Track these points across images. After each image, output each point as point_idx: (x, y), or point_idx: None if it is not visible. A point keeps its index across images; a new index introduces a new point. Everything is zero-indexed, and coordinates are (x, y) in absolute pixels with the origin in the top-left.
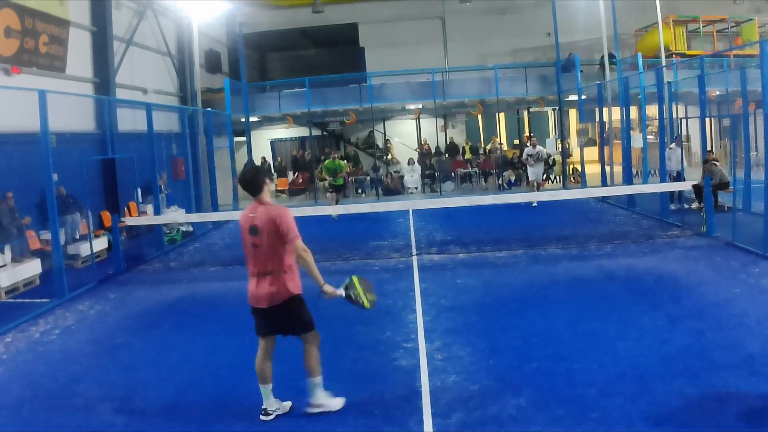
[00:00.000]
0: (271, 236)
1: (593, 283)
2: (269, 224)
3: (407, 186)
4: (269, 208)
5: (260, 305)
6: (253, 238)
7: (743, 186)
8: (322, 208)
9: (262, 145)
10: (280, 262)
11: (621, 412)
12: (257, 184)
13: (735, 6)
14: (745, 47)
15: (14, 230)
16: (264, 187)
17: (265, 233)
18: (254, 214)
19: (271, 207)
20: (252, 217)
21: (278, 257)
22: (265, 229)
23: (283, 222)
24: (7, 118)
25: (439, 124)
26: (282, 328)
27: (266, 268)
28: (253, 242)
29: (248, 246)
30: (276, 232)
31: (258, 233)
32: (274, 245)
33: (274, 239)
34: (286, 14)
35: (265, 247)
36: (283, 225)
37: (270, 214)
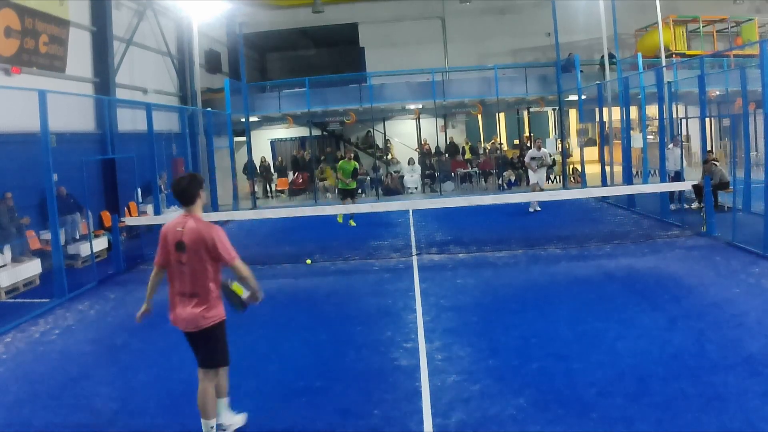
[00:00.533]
0: (199, 255)
1: (593, 283)
2: (199, 243)
3: (407, 186)
4: (200, 225)
5: (188, 329)
6: (179, 255)
7: (743, 186)
8: (322, 208)
9: (262, 145)
10: (206, 284)
11: (621, 412)
12: (191, 194)
13: (735, 6)
14: (745, 47)
15: (14, 230)
16: (197, 200)
17: (193, 252)
18: (182, 228)
19: (202, 224)
20: (180, 232)
21: (205, 278)
22: (194, 247)
23: (218, 242)
24: (7, 118)
25: (439, 124)
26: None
27: (192, 289)
28: (178, 259)
29: (172, 262)
30: (206, 252)
31: (185, 250)
32: (203, 265)
33: (203, 259)
34: (286, 14)
35: (192, 266)
36: (219, 246)
37: (201, 232)
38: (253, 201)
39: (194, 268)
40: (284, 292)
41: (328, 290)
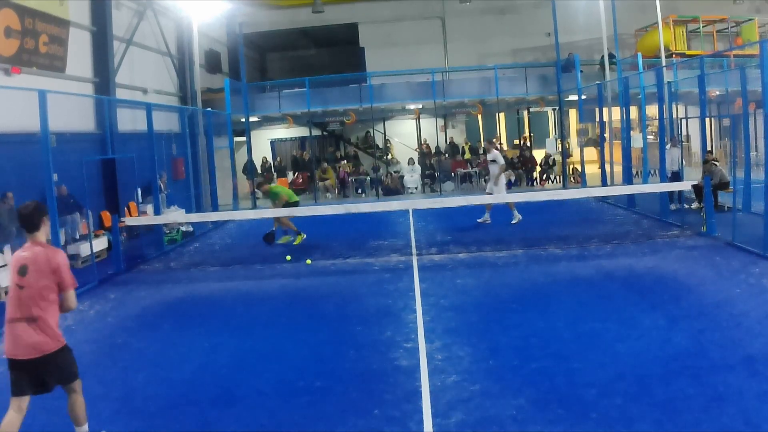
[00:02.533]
0: (41, 279)
1: (593, 283)
2: (43, 266)
3: (407, 186)
4: (47, 249)
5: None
6: (20, 279)
7: (743, 186)
8: (322, 208)
9: (262, 145)
10: (47, 309)
11: (621, 412)
12: (34, 221)
13: (735, 6)
14: (745, 47)
15: (14, 230)
16: (41, 226)
17: (35, 275)
18: (26, 253)
19: (49, 249)
20: (24, 257)
21: (46, 303)
22: (36, 270)
23: (61, 268)
24: (7, 118)
25: (439, 124)
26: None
27: (31, 313)
28: (18, 283)
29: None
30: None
31: (26, 274)
32: (44, 290)
33: (44, 283)
34: (286, 14)
35: (33, 290)
36: (62, 271)
37: (47, 256)
38: (253, 201)
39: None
40: (284, 292)
41: (328, 290)
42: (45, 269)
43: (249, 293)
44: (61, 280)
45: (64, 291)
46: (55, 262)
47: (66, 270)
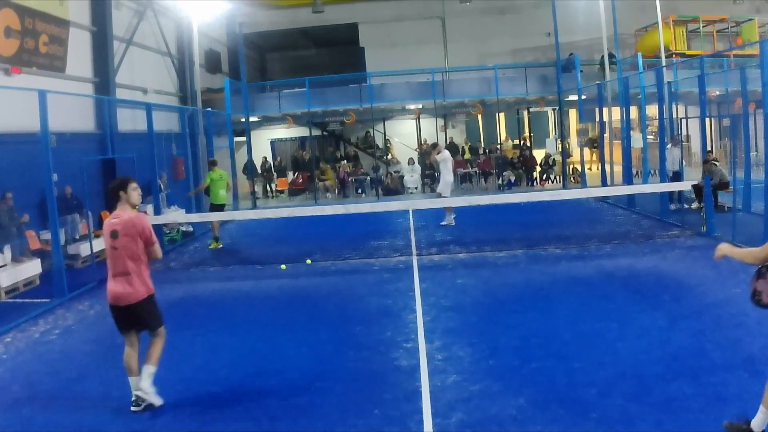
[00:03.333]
0: (130, 241)
1: (593, 283)
2: (130, 230)
3: (407, 186)
4: (132, 215)
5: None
6: (113, 242)
7: (743, 186)
8: (322, 209)
9: (262, 145)
10: (137, 264)
11: (621, 412)
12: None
13: (735, 6)
14: (745, 47)
15: (14, 230)
16: (124, 197)
17: (124, 238)
18: (116, 220)
19: (134, 215)
20: (114, 223)
21: (135, 260)
22: (125, 234)
23: (145, 229)
24: (7, 118)
25: (439, 124)
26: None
27: (124, 269)
28: (111, 245)
29: (108, 247)
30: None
31: (117, 237)
32: (133, 249)
33: (132, 243)
34: (286, 14)
35: (124, 250)
36: (146, 231)
37: (133, 221)
38: (253, 201)
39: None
40: (284, 292)
41: (328, 290)
42: (132, 232)
43: (249, 293)
44: (146, 239)
45: (150, 246)
46: (140, 225)
47: (149, 230)
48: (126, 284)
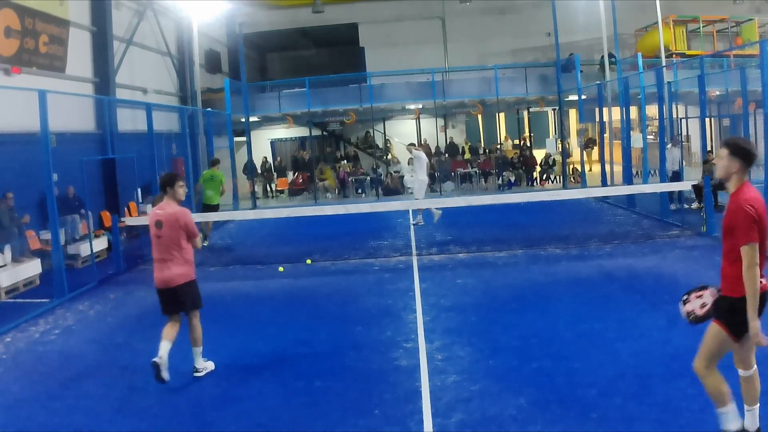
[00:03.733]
0: (172, 231)
1: (593, 283)
2: (173, 222)
3: (407, 186)
4: (176, 210)
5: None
6: (157, 231)
7: None
8: (322, 209)
9: (262, 145)
10: (179, 252)
11: (621, 412)
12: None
13: (735, 6)
14: (745, 47)
15: (14, 230)
16: (172, 189)
17: (168, 229)
18: (161, 211)
19: (178, 210)
20: (159, 214)
21: (178, 248)
22: (168, 225)
23: (188, 224)
24: (7, 118)
25: (439, 124)
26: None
27: (168, 255)
28: (156, 234)
29: (153, 236)
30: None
31: (161, 227)
32: (175, 238)
33: (175, 234)
34: (286, 14)
35: (167, 239)
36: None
37: (176, 215)
38: (253, 201)
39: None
40: (284, 292)
41: (328, 290)
42: (175, 224)
43: (249, 293)
44: (188, 232)
45: (192, 239)
46: (182, 220)
47: (191, 224)
48: (168, 269)
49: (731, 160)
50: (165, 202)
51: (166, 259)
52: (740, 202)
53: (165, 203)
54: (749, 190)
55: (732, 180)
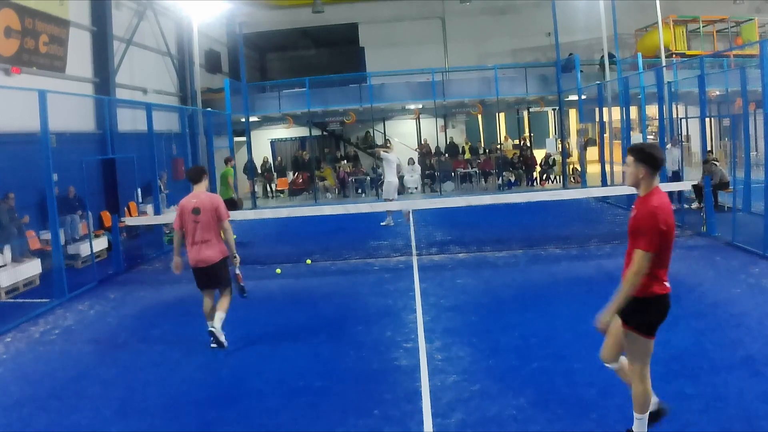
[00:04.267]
0: (208, 215)
1: (593, 283)
2: (208, 206)
3: (407, 186)
4: (208, 195)
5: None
6: (195, 217)
7: (743, 186)
8: (321, 209)
9: (262, 145)
10: (213, 234)
11: (621, 412)
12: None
13: (735, 6)
14: (745, 47)
15: (14, 230)
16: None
17: (204, 213)
18: (195, 200)
19: (209, 195)
20: (194, 202)
21: (212, 231)
22: (204, 210)
23: (219, 207)
24: (7, 118)
25: (439, 124)
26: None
27: (204, 238)
28: (195, 220)
29: (190, 222)
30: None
31: (199, 213)
32: (211, 222)
33: (210, 217)
34: (286, 14)
35: (204, 223)
36: (220, 209)
37: (210, 200)
38: (252, 201)
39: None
40: (284, 292)
41: (328, 290)
42: (209, 208)
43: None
44: (219, 215)
45: (223, 221)
46: (215, 203)
47: (222, 207)
48: (204, 250)
49: (637, 167)
50: (196, 192)
51: (203, 240)
52: (653, 210)
53: (197, 192)
54: (659, 196)
55: (641, 185)
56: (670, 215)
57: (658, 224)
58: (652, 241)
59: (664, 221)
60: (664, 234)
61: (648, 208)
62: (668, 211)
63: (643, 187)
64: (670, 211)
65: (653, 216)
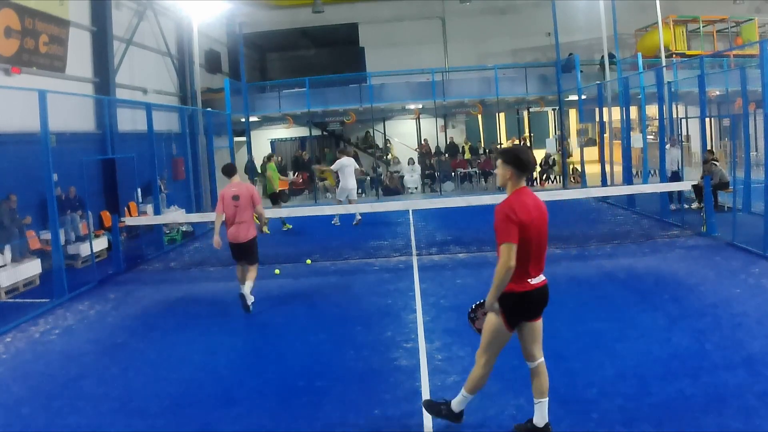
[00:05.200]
0: (245, 201)
1: (593, 283)
2: (245, 193)
3: (407, 186)
4: (245, 185)
5: (237, 241)
6: (236, 202)
7: (743, 186)
8: (321, 209)
9: (262, 145)
10: (249, 216)
11: (621, 412)
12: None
13: (735, 6)
14: (745, 47)
15: (15, 230)
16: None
17: (242, 199)
18: (234, 188)
19: (246, 184)
20: (234, 190)
21: (248, 213)
22: (242, 196)
23: (254, 194)
24: (7, 118)
25: (439, 124)
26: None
27: (242, 219)
28: (234, 204)
29: (230, 207)
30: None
31: (239, 199)
32: (247, 206)
33: (247, 203)
34: (286, 14)
35: (242, 207)
36: (254, 195)
37: (247, 188)
38: None
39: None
40: (284, 292)
41: (328, 290)
42: (246, 195)
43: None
44: (254, 200)
45: (257, 205)
46: (251, 191)
47: (257, 195)
48: (241, 229)
49: (505, 168)
50: (233, 182)
51: (241, 221)
52: (501, 206)
53: (234, 183)
54: (520, 195)
55: (508, 186)
56: (526, 211)
57: (507, 214)
58: (506, 231)
59: (515, 212)
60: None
61: (500, 204)
62: (526, 207)
63: (509, 188)
64: (529, 208)
65: (501, 210)
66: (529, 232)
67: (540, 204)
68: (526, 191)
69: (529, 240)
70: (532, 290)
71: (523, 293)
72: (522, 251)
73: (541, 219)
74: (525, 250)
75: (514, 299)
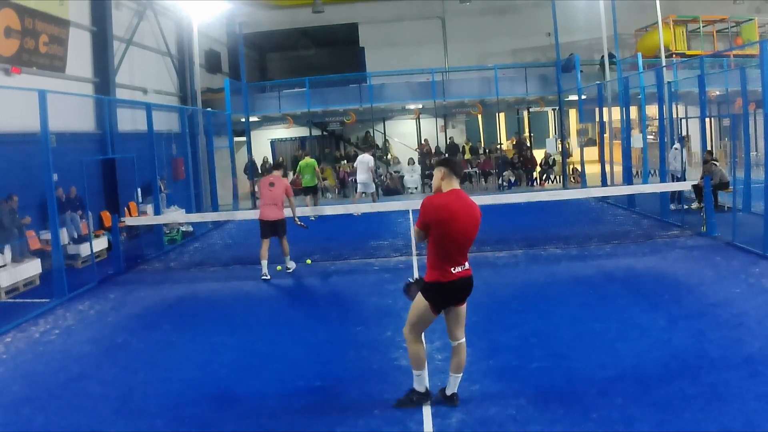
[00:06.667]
0: (279, 189)
1: (593, 283)
2: (279, 183)
3: (407, 186)
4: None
5: (268, 219)
6: (271, 189)
7: (743, 186)
8: (321, 209)
9: (262, 145)
10: (281, 201)
11: (621, 412)
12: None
13: (735, 6)
14: (745, 47)
15: (15, 230)
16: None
17: (276, 187)
18: (271, 178)
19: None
20: (270, 179)
21: (281, 199)
22: (278, 185)
23: (287, 186)
24: (7, 118)
25: (439, 124)
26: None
27: (274, 202)
28: (270, 190)
29: (266, 190)
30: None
31: (274, 186)
32: (280, 193)
33: (280, 191)
34: (286, 14)
35: (276, 193)
36: (287, 187)
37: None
38: (252, 201)
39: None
40: (284, 292)
41: (328, 290)
42: (280, 185)
43: (249, 293)
44: (287, 191)
45: (289, 197)
46: (285, 183)
47: (289, 186)
48: (274, 209)
49: (438, 170)
50: (274, 175)
51: (273, 204)
52: (426, 198)
53: (274, 174)
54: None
55: (441, 187)
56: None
57: (425, 210)
58: (420, 220)
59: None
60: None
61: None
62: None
63: (443, 188)
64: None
65: (424, 202)
66: (451, 229)
67: (472, 205)
68: (458, 193)
69: (453, 236)
70: (455, 279)
71: (447, 283)
72: (446, 244)
73: (469, 218)
74: (448, 243)
75: (440, 288)
